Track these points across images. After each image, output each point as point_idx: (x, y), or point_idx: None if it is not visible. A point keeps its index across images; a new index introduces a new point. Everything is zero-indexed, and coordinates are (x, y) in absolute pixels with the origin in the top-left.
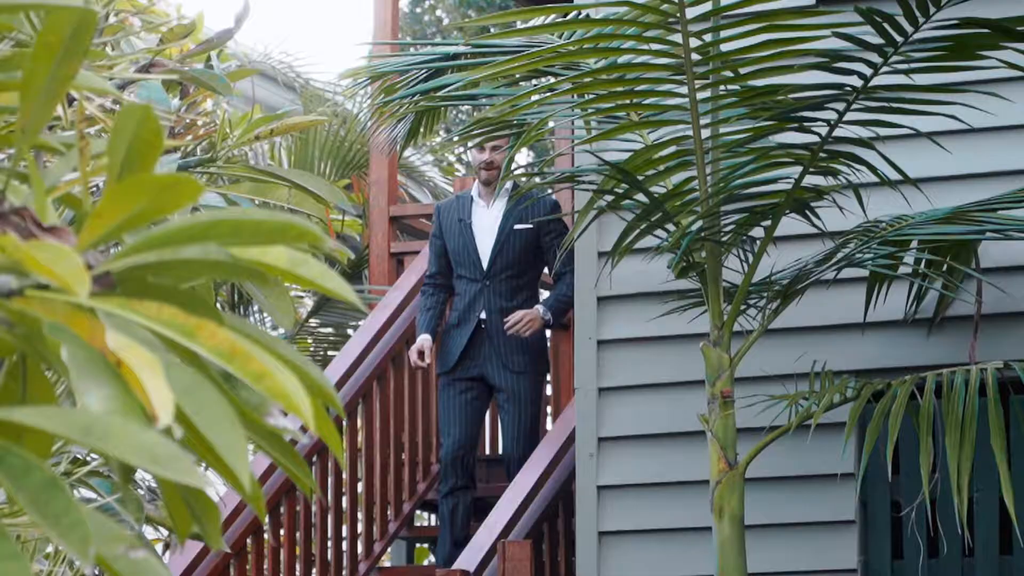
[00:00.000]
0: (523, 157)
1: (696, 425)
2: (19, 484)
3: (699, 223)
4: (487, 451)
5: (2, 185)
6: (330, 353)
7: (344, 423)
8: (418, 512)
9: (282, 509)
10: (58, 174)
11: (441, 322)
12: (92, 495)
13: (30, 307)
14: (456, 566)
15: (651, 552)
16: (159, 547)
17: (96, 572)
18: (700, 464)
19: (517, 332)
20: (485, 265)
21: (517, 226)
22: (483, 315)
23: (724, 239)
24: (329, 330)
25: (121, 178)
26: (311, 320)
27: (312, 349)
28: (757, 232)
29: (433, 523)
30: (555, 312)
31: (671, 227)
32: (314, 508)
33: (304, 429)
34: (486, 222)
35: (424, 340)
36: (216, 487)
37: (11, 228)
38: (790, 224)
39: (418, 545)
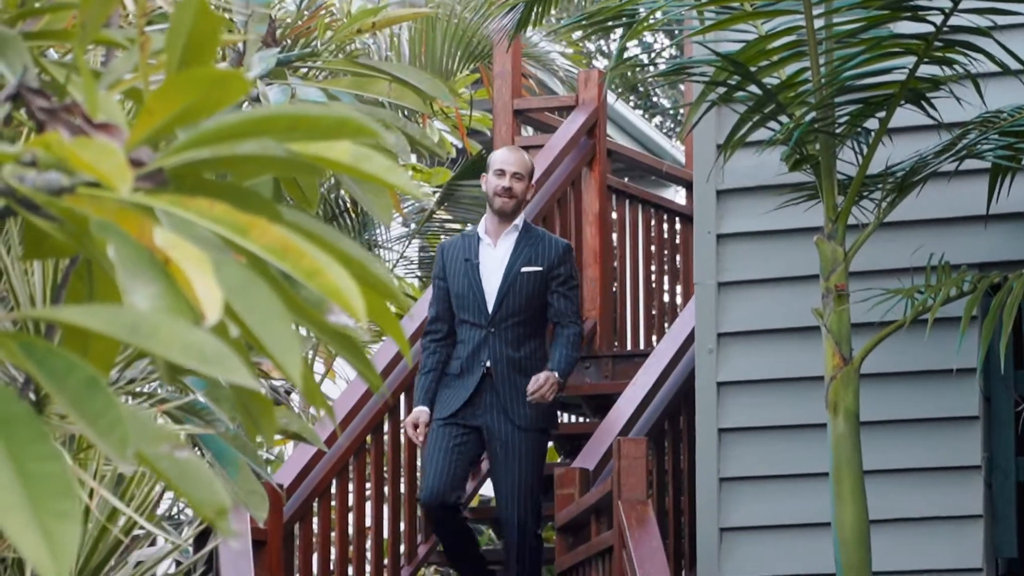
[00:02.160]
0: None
1: (813, 320)
2: (60, 384)
3: (812, 115)
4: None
5: (63, 79)
6: None
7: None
8: None
9: (368, 445)
10: (121, 69)
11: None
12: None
13: (79, 205)
14: (576, 464)
15: (768, 449)
16: (288, 446)
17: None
18: (817, 360)
19: (542, 398)
20: (490, 309)
21: (524, 268)
22: (488, 364)
23: (838, 131)
24: (455, 225)
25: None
26: (438, 213)
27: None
28: (872, 124)
29: None
30: (565, 375)
31: (784, 119)
32: (402, 440)
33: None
34: (493, 263)
35: (421, 413)
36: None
37: (61, 125)
38: (906, 115)
39: None
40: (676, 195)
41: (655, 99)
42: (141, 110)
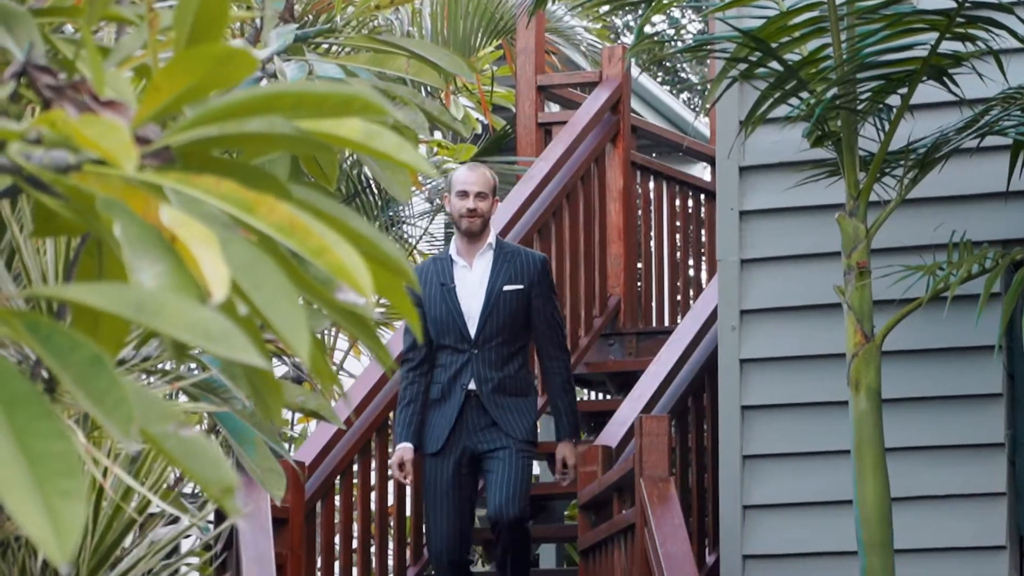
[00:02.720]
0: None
1: (836, 298)
2: (64, 362)
3: (833, 91)
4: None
5: (73, 56)
6: None
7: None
8: None
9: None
10: (130, 46)
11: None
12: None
13: (86, 182)
14: (598, 441)
15: (791, 426)
16: (313, 423)
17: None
18: (840, 337)
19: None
20: (472, 332)
21: (507, 287)
22: (472, 386)
23: (859, 107)
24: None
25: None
26: None
27: None
28: (893, 100)
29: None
30: (576, 434)
31: (806, 96)
32: None
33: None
34: (470, 285)
35: (405, 451)
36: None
37: (68, 102)
38: (928, 92)
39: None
40: (704, 172)
41: (684, 75)
42: (148, 87)
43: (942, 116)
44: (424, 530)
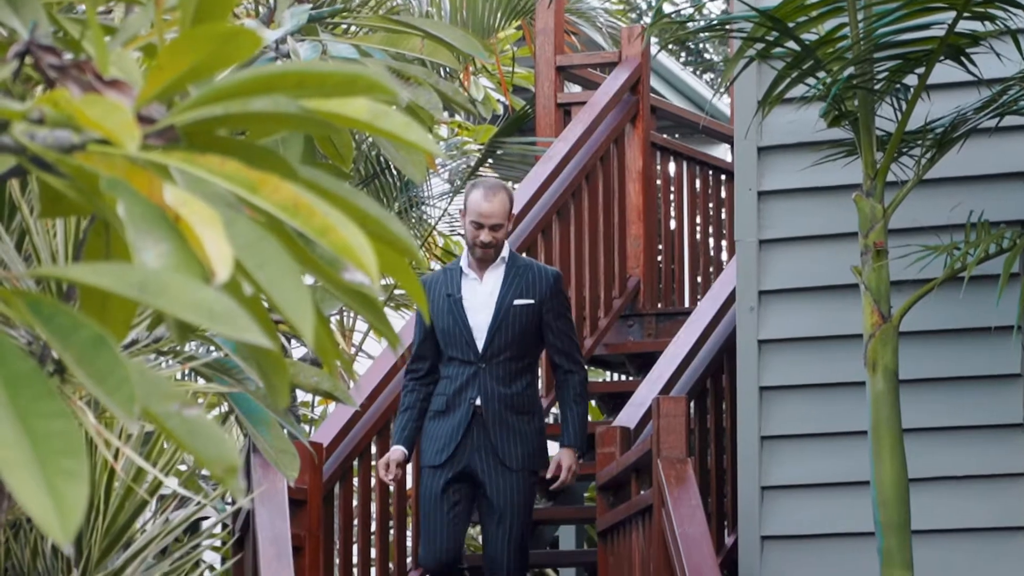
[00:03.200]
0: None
1: (853, 278)
2: (66, 342)
3: (850, 71)
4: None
5: (79, 36)
6: None
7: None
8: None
9: None
10: (137, 25)
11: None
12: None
13: (90, 162)
14: (617, 422)
15: (810, 407)
16: (332, 406)
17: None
18: (858, 317)
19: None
20: (480, 346)
21: (517, 301)
22: (478, 401)
23: (876, 87)
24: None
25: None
26: (484, 170)
27: None
28: (910, 80)
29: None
30: (581, 445)
31: (823, 75)
32: None
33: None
34: (480, 297)
35: (395, 452)
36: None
37: (72, 82)
38: (945, 71)
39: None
40: (727, 153)
41: (707, 56)
42: (152, 67)
43: (960, 96)
44: (422, 540)
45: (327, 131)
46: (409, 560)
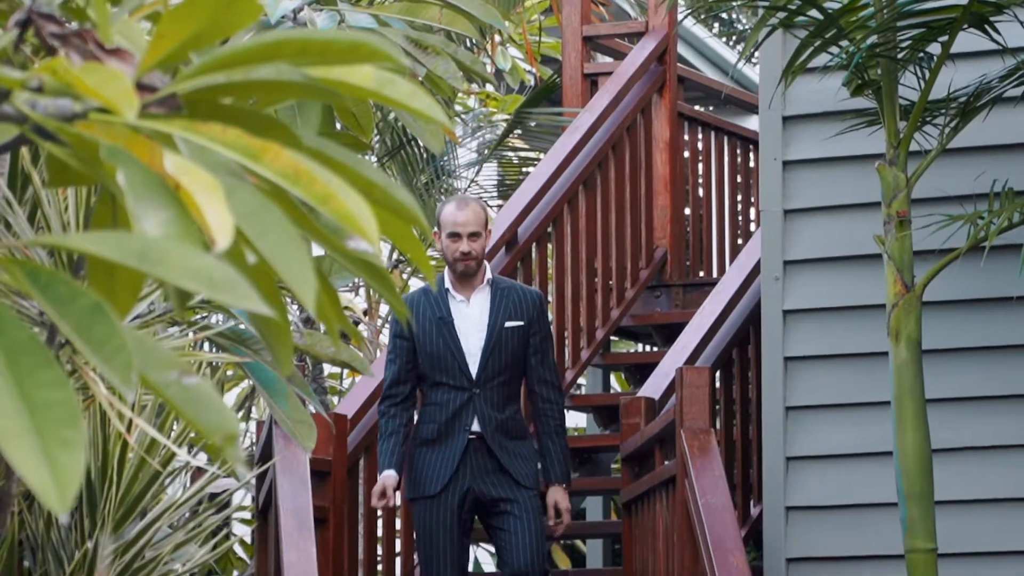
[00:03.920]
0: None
1: (877, 248)
2: (63, 311)
3: (873, 39)
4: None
5: (84, 3)
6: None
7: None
8: (613, 339)
9: None
10: None
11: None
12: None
13: (90, 131)
14: (641, 393)
15: (835, 377)
16: (348, 380)
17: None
18: (882, 288)
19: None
20: (474, 371)
21: (508, 323)
22: (476, 427)
23: (899, 56)
24: (531, 153)
25: None
26: (511, 140)
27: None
28: (934, 49)
29: (631, 350)
30: (567, 479)
31: (846, 44)
32: None
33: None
34: (471, 320)
35: (388, 478)
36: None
37: (73, 50)
38: (968, 40)
39: (613, 372)
40: (756, 123)
41: (740, 26)
42: (154, 34)
43: (984, 65)
44: (423, 572)
45: (332, 99)
46: None
